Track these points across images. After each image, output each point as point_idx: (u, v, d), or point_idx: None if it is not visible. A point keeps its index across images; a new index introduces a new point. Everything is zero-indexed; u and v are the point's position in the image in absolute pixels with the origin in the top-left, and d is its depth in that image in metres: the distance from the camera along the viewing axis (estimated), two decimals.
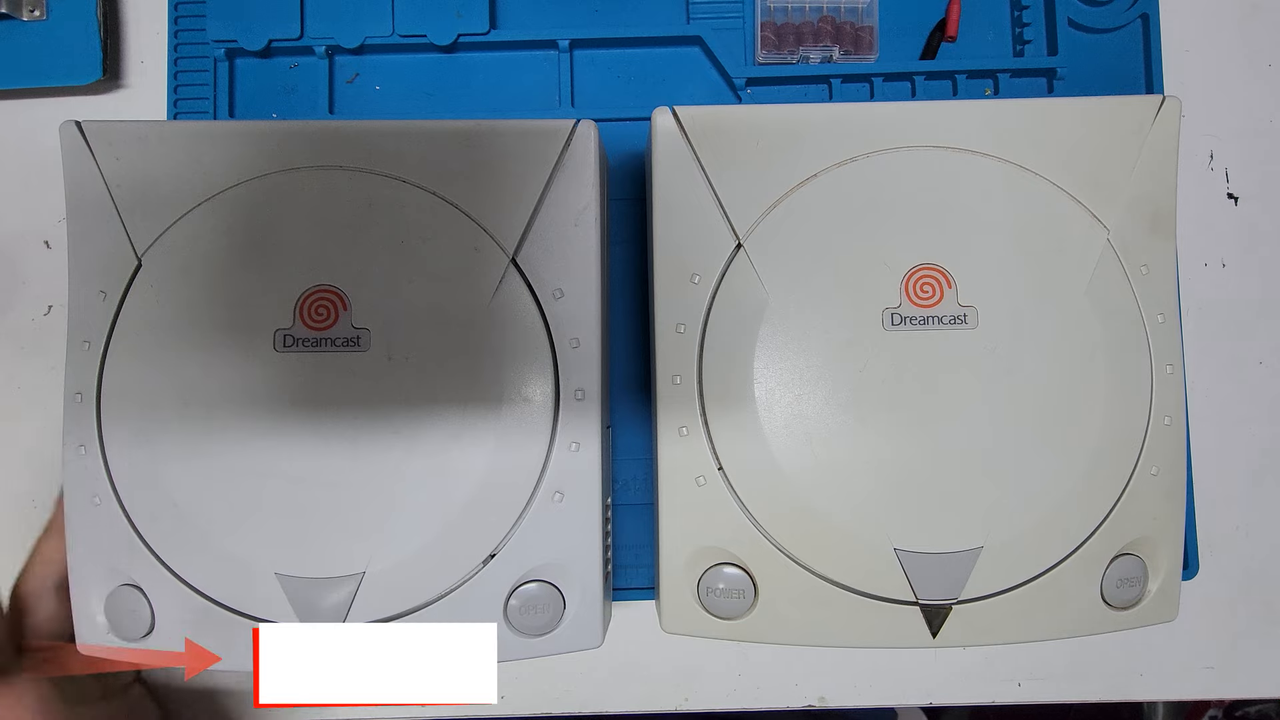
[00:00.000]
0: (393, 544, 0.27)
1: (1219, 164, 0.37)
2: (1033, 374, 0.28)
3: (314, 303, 0.28)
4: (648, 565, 0.34)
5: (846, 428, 0.28)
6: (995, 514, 0.28)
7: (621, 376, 0.35)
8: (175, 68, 0.36)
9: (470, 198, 0.28)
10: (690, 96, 0.37)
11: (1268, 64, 0.38)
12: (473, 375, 0.28)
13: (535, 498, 0.28)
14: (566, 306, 0.29)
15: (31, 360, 0.36)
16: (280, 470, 0.27)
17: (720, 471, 0.29)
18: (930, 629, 0.28)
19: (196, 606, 0.28)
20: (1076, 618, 0.29)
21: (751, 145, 0.29)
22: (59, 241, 0.37)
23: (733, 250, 0.29)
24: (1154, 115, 0.30)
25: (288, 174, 0.28)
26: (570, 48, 0.36)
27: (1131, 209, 0.29)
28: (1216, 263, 0.37)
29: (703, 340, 0.29)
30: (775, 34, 0.36)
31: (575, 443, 0.28)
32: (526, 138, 0.29)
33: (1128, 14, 0.36)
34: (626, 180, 0.36)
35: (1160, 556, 0.29)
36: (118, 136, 0.29)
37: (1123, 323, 0.29)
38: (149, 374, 0.28)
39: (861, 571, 0.28)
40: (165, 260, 0.28)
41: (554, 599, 0.28)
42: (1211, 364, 0.37)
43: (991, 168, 0.29)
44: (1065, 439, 0.28)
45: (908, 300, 0.28)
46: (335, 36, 0.35)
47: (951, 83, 0.36)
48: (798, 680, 0.36)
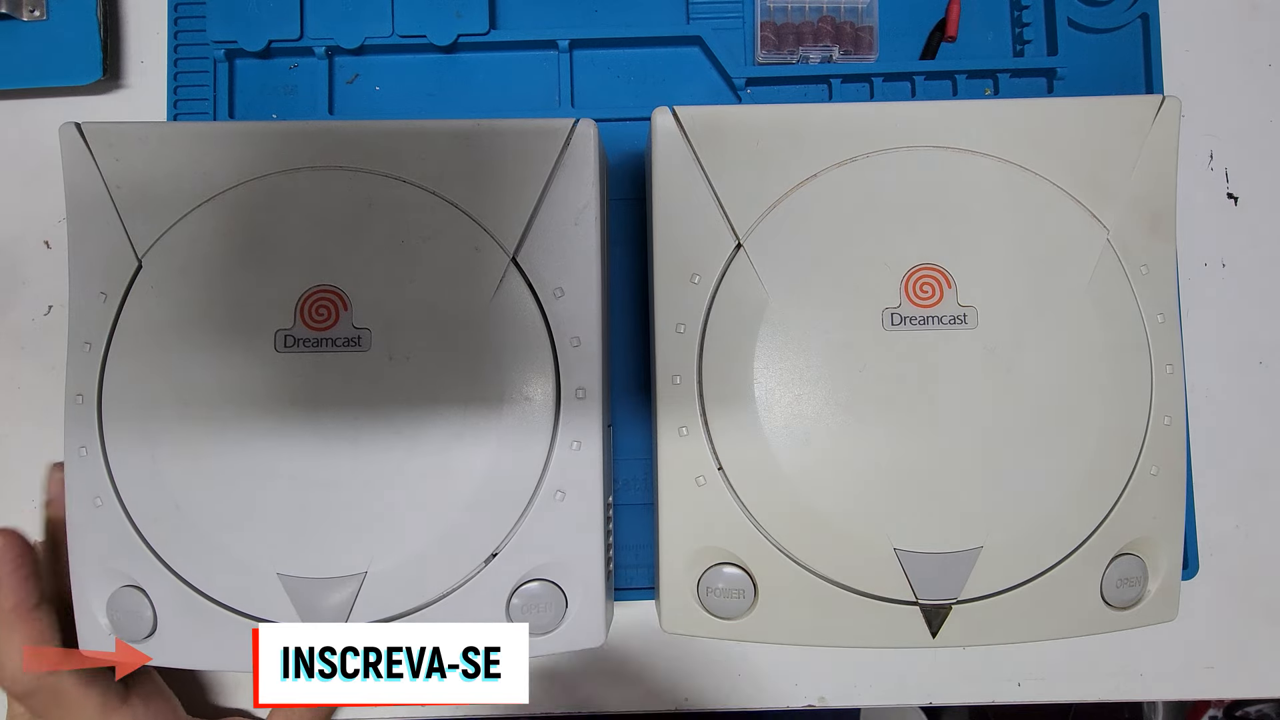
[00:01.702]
0: (394, 544, 0.27)
1: (1219, 164, 0.37)
2: (1033, 374, 0.28)
3: (314, 303, 0.28)
4: (648, 565, 0.34)
5: (846, 428, 0.28)
6: (995, 514, 0.28)
7: (621, 376, 0.35)
8: (175, 68, 0.36)
9: (470, 197, 0.28)
10: (690, 96, 0.37)
11: (1268, 64, 0.38)
12: (473, 374, 0.28)
13: (537, 497, 0.28)
14: (567, 305, 0.29)
15: (31, 360, 0.36)
16: (282, 470, 0.27)
17: (720, 471, 0.29)
18: (930, 629, 0.28)
19: (199, 607, 0.28)
20: (1076, 618, 0.29)
21: (751, 145, 0.29)
22: (59, 241, 0.37)
23: (733, 250, 0.29)
24: (1154, 115, 0.30)
25: (288, 174, 0.28)
26: (570, 48, 0.36)
27: (1131, 209, 0.29)
28: (1216, 263, 0.37)
29: (703, 340, 0.29)
30: (775, 34, 0.36)
31: (576, 441, 0.28)
32: (526, 137, 0.29)
33: (1128, 14, 0.36)
34: (626, 180, 0.36)
35: (1160, 556, 0.29)
36: (117, 138, 0.29)
37: (1123, 323, 0.29)
38: (150, 375, 0.28)
39: (861, 571, 0.28)
40: (165, 261, 0.28)
41: (556, 598, 0.28)
42: (1211, 364, 0.37)
43: (991, 168, 0.29)
44: (1065, 439, 0.28)
45: (908, 300, 0.28)
46: (335, 37, 0.35)
47: (951, 83, 0.36)
48: (798, 680, 0.36)
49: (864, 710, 0.57)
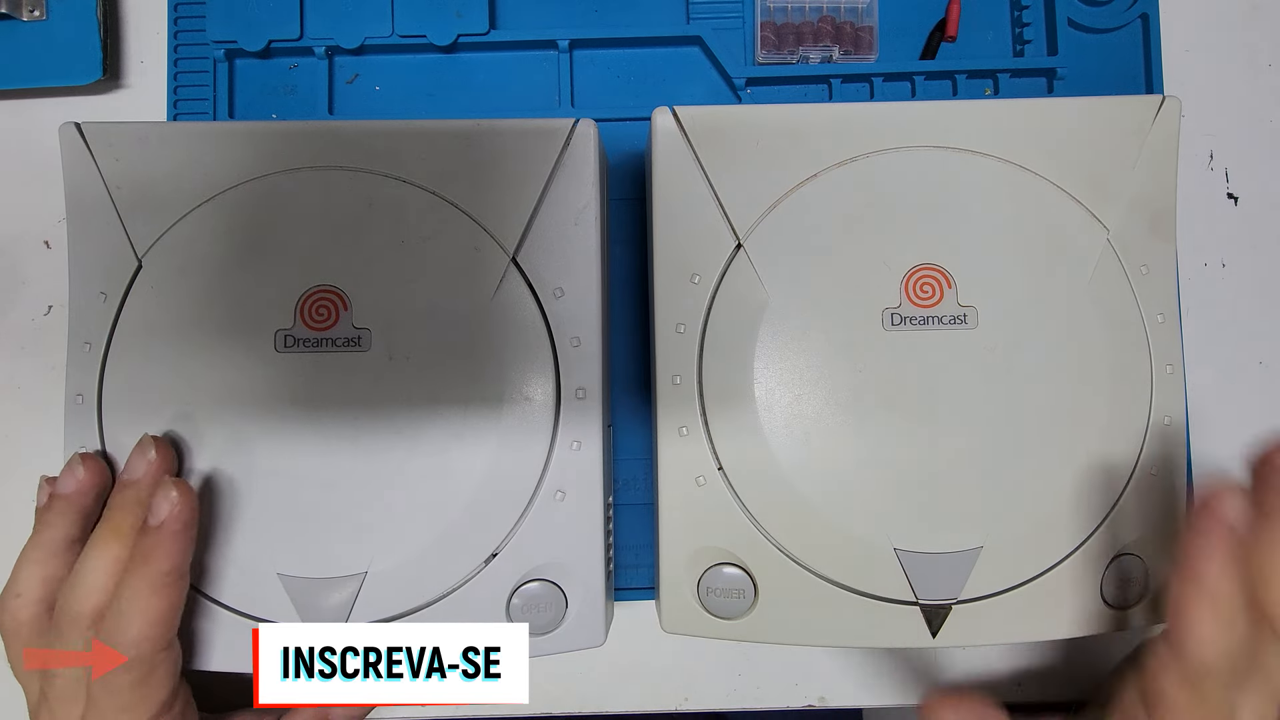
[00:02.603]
0: (395, 543, 0.27)
1: (1219, 164, 0.37)
2: (1033, 374, 0.28)
3: (314, 303, 0.28)
4: (648, 565, 0.34)
5: (846, 427, 0.28)
6: (995, 514, 0.28)
7: (621, 377, 0.35)
8: (175, 68, 0.36)
9: (470, 197, 0.28)
10: (690, 96, 0.37)
11: (1268, 64, 0.38)
12: (474, 374, 0.28)
13: (537, 497, 0.28)
14: (567, 305, 0.29)
15: (31, 360, 0.36)
16: (282, 470, 0.27)
17: (720, 471, 0.29)
18: (930, 629, 0.28)
19: (198, 607, 0.28)
20: (1076, 618, 0.29)
21: (751, 145, 0.29)
22: (59, 241, 0.37)
23: (733, 250, 0.29)
24: (1154, 115, 0.30)
25: (288, 174, 0.28)
26: (570, 48, 0.36)
27: (1131, 209, 0.29)
28: (1216, 263, 0.37)
29: (703, 340, 0.29)
30: (775, 34, 0.36)
31: (576, 441, 0.28)
32: (526, 137, 0.29)
33: (1128, 14, 0.36)
34: (626, 180, 0.36)
35: (1160, 556, 0.29)
36: (117, 137, 0.29)
37: (1123, 323, 0.29)
38: (150, 375, 0.28)
39: (861, 571, 0.28)
40: (165, 261, 0.28)
41: (556, 598, 0.28)
42: (1211, 364, 0.37)
43: (991, 168, 0.29)
44: (1065, 439, 0.28)
45: (908, 300, 0.28)
46: (335, 37, 0.35)
47: (951, 83, 0.36)
48: (798, 680, 0.36)
49: (866, 710, 0.57)
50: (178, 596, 0.26)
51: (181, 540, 0.26)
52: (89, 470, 0.27)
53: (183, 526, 0.26)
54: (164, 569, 0.25)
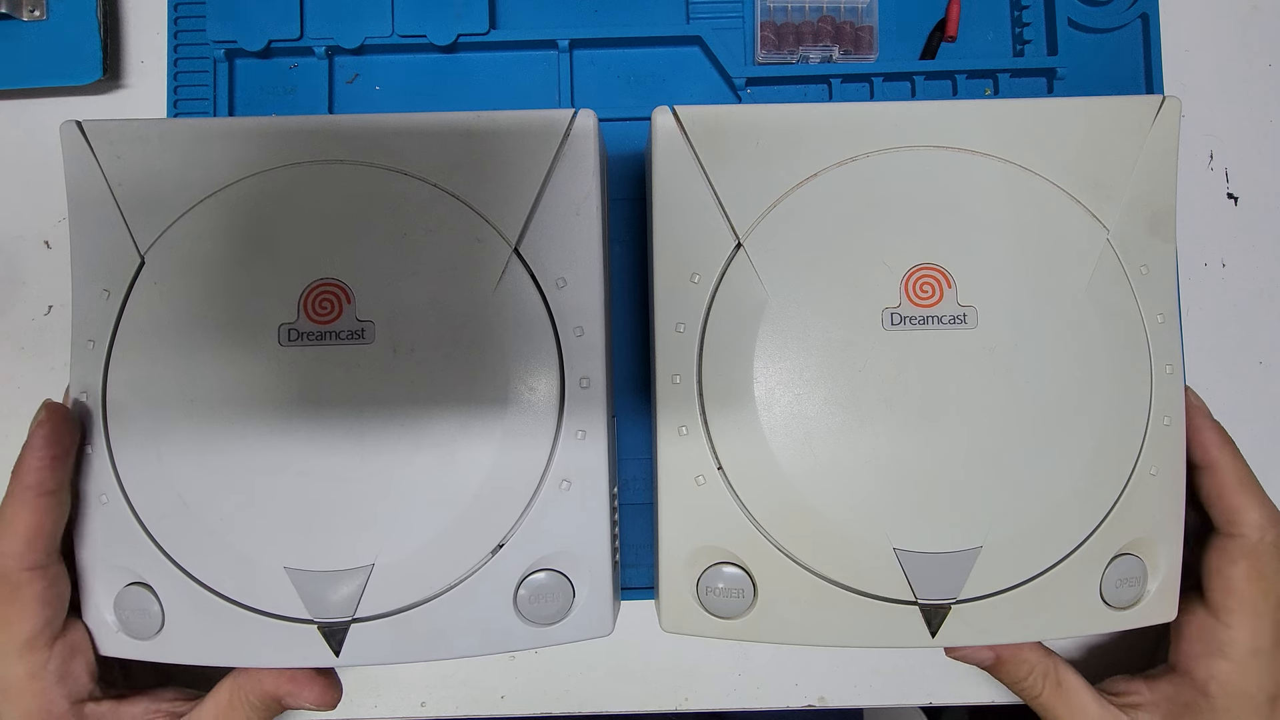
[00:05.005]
0: (401, 536, 0.27)
1: (1219, 164, 0.38)
2: (1032, 374, 0.28)
3: (318, 296, 0.28)
4: (648, 565, 0.35)
5: (846, 427, 0.28)
6: (995, 514, 0.28)
7: (621, 376, 0.35)
8: (175, 68, 0.36)
9: (472, 189, 0.28)
10: (690, 96, 0.37)
11: (1268, 64, 0.38)
12: (477, 365, 0.28)
13: (542, 487, 0.28)
14: (569, 295, 0.29)
15: (31, 360, 0.36)
16: (287, 464, 0.27)
17: (720, 471, 0.29)
18: (930, 629, 0.28)
19: (207, 603, 0.28)
20: (1076, 618, 0.29)
21: (751, 145, 0.29)
22: (59, 241, 0.37)
23: (733, 250, 0.29)
24: (1154, 115, 0.30)
25: (289, 169, 0.28)
26: (570, 48, 0.36)
27: (1131, 209, 0.29)
28: (1216, 263, 0.37)
29: (702, 340, 0.29)
30: (775, 34, 0.36)
31: (581, 430, 0.28)
32: (527, 128, 0.29)
33: (1128, 14, 0.36)
34: (626, 180, 0.36)
35: (1160, 556, 0.29)
36: (118, 135, 0.29)
37: (1123, 323, 0.29)
38: (154, 372, 0.28)
39: (861, 571, 0.28)
40: (168, 258, 0.28)
41: (563, 588, 0.28)
42: (1211, 364, 0.37)
43: (991, 168, 0.29)
44: (1065, 439, 0.28)
45: (907, 300, 0.28)
46: (335, 37, 0.36)
47: (951, 83, 0.36)
48: (798, 680, 0.36)
49: (866, 710, 0.57)
50: (44, 515, 0.26)
51: (43, 455, 0.26)
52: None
53: (43, 441, 0.26)
54: (28, 483, 0.26)
